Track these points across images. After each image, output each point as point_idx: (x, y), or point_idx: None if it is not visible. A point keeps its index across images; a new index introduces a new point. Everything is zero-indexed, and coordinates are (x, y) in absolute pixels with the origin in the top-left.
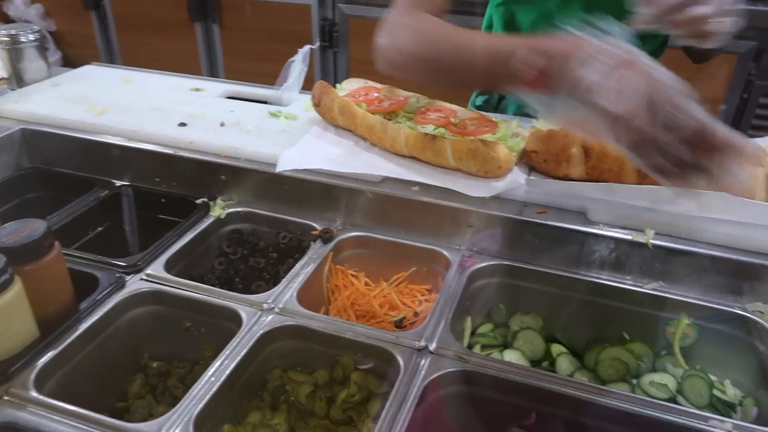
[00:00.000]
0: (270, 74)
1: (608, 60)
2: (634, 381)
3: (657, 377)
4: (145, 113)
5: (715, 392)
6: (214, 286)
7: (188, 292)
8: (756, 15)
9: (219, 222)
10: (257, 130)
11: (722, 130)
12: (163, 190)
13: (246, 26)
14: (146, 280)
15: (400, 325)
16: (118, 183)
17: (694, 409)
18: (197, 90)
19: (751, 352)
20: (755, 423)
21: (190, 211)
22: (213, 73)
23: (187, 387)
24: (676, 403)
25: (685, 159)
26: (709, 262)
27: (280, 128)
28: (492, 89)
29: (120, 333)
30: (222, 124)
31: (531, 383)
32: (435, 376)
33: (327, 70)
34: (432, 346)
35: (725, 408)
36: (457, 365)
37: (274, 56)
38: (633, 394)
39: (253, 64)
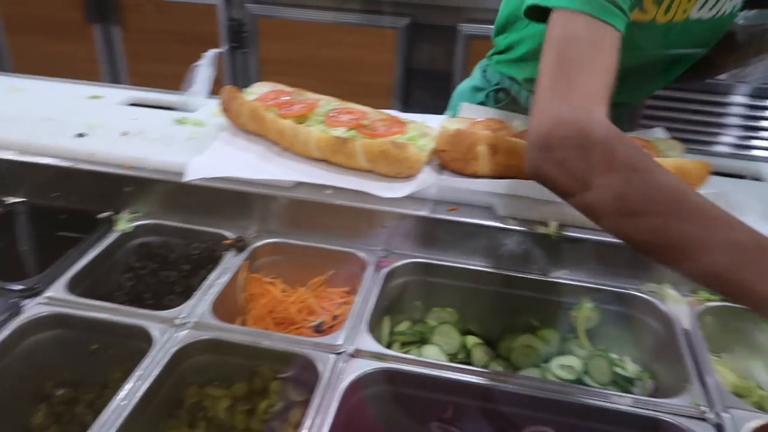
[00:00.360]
0: (177, 76)
1: None
2: (544, 365)
3: (565, 360)
4: (38, 124)
5: (617, 369)
6: (123, 304)
7: (93, 313)
8: None
9: (125, 236)
10: (163, 138)
11: None
12: (62, 206)
13: (149, 27)
14: (46, 304)
15: (319, 329)
16: (10, 200)
17: (598, 388)
18: (96, 97)
19: (647, 330)
20: (652, 395)
21: (94, 227)
22: (115, 77)
23: (97, 413)
24: (582, 383)
25: None
26: (607, 249)
27: (187, 135)
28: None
29: (18, 362)
30: (124, 134)
31: (448, 377)
32: (354, 378)
33: (236, 72)
34: (350, 349)
35: (626, 383)
36: (376, 365)
37: (181, 58)
38: (543, 379)
39: (159, 67)
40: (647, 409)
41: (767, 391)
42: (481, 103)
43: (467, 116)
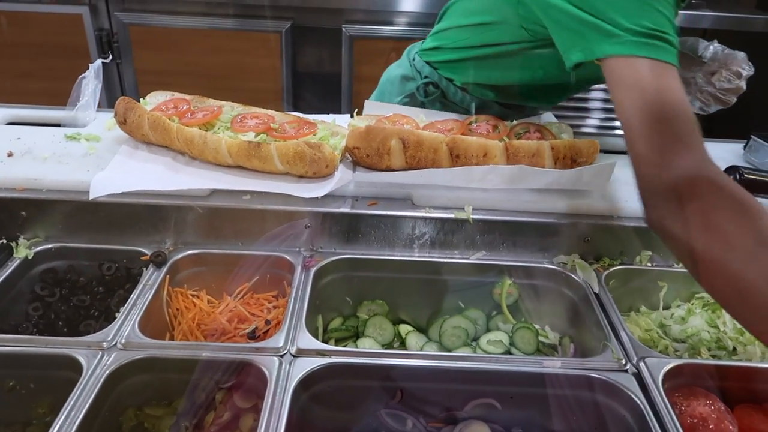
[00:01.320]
0: (45, 93)
1: None
2: (474, 343)
3: (492, 336)
4: None
5: (540, 338)
6: (33, 335)
7: (5, 348)
8: None
9: (27, 263)
10: (56, 156)
11: None
12: None
13: (5, 41)
14: None
15: (253, 336)
16: None
17: (528, 356)
18: None
19: (562, 298)
20: (574, 357)
21: None
22: None
23: None
24: (511, 354)
25: None
26: (519, 228)
27: (83, 152)
28: None
29: None
30: (10, 155)
31: (390, 363)
32: (302, 377)
33: (112, 84)
34: (293, 349)
35: (549, 350)
36: (321, 362)
37: (46, 73)
38: (476, 354)
39: (21, 83)
40: (576, 368)
41: (669, 339)
42: (411, 94)
43: (373, 113)
